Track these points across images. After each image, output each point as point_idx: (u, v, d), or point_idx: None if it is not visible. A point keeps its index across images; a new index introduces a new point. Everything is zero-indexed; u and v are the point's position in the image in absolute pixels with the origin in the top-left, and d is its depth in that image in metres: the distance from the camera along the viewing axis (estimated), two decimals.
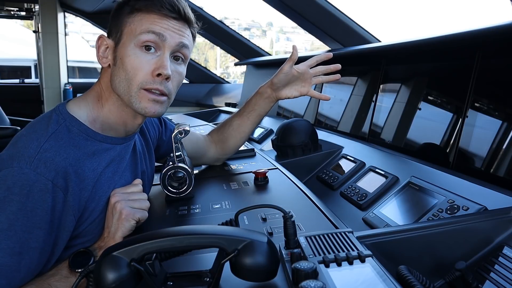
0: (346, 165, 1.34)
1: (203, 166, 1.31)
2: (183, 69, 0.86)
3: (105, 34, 0.84)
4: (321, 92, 2.00)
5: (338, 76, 1.16)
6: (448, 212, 0.86)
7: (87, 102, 0.83)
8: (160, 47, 0.79)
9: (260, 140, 1.94)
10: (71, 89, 5.04)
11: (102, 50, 0.83)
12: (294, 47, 1.11)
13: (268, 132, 1.97)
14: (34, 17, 5.16)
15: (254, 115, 1.22)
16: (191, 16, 0.84)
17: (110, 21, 0.84)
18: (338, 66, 1.17)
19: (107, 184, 0.81)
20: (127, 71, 0.79)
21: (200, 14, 0.81)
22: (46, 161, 0.69)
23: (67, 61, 5.27)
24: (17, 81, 5.60)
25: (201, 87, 4.47)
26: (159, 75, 0.79)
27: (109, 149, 0.82)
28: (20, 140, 0.73)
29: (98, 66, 0.85)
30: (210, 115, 2.90)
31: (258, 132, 2.04)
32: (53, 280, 0.71)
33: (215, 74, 4.64)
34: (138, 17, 0.79)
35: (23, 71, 8.03)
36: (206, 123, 2.24)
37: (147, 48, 0.79)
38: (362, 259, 0.54)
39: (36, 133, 0.73)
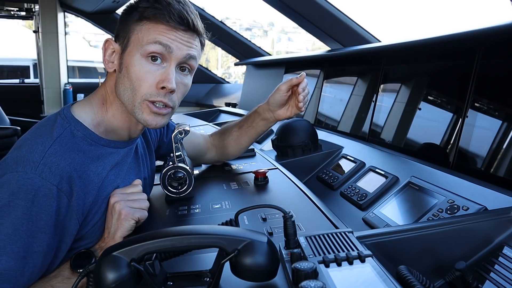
0: (346, 165, 1.34)
1: (203, 166, 1.32)
2: (188, 80, 0.85)
3: (112, 38, 0.83)
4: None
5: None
6: (448, 212, 0.86)
7: (91, 105, 0.83)
8: (166, 59, 0.78)
9: (260, 140, 1.94)
10: (71, 89, 5.04)
11: (108, 54, 0.82)
12: (302, 75, 1.07)
13: (268, 132, 1.97)
14: (34, 17, 5.16)
15: (252, 132, 1.22)
16: (200, 27, 0.83)
17: (118, 24, 0.83)
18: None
19: (110, 187, 0.81)
20: (132, 80, 0.78)
21: (201, 15, 0.79)
22: (51, 166, 0.69)
23: (67, 61, 5.27)
24: (17, 81, 5.60)
25: (201, 87, 4.46)
26: (163, 88, 0.78)
27: (113, 153, 0.83)
28: (25, 144, 0.72)
29: (98, 66, 0.85)
30: (210, 115, 2.90)
31: None
32: (55, 281, 0.71)
33: (215, 74, 4.64)
34: (146, 26, 0.77)
35: (22, 71, 8.02)
36: (206, 123, 2.23)
37: (153, 58, 0.78)
38: (362, 259, 0.54)
39: (41, 137, 0.73)
